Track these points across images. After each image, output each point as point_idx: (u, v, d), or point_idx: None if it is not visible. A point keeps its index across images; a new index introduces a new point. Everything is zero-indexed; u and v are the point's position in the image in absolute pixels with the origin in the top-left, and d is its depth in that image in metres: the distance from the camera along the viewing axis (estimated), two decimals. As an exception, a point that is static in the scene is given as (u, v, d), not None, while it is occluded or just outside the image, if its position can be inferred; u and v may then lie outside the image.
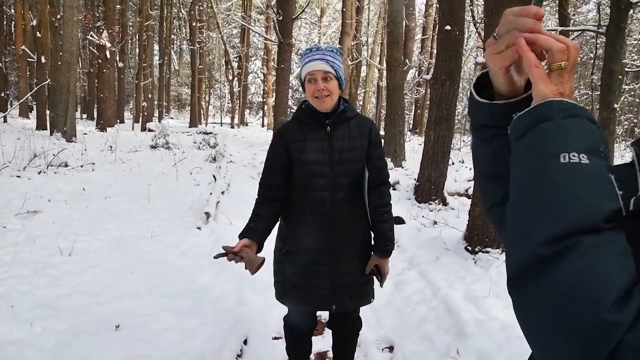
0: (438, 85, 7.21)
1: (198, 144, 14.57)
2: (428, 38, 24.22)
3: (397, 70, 11.18)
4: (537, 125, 0.65)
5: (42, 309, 3.29)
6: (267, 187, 2.18)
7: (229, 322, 3.31)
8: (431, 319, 3.58)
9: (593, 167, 0.61)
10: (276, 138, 2.20)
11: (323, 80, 2.05)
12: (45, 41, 17.74)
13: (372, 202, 2.19)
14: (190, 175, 9.32)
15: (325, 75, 2.05)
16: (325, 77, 2.05)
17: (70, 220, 5.64)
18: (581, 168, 0.60)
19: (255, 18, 35.71)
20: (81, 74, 29.98)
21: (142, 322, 3.24)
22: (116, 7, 22.43)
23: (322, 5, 26.80)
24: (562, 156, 0.61)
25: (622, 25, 5.90)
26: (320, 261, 2.15)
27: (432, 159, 7.35)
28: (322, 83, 2.04)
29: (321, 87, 2.04)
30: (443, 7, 7.39)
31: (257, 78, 40.57)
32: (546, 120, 0.64)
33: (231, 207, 6.54)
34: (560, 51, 0.66)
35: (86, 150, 10.90)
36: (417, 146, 14.68)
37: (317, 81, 2.05)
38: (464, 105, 24.45)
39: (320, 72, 2.04)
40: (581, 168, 0.60)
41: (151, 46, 27.77)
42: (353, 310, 2.37)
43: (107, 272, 4.11)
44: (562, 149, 0.62)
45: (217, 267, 4.40)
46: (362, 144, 2.15)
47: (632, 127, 25.17)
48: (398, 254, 4.89)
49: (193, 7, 25.99)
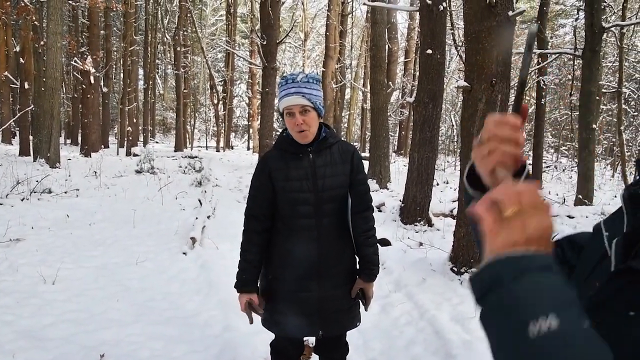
0: (421, 107, 7.33)
1: (183, 168, 14.54)
2: (411, 61, 24.62)
3: (381, 93, 11.34)
4: (490, 291, 0.60)
5: (26, 339, 3.24)
6: (254, 218, 2.20)
7: (217, 348, 3.29)
8: (419, 341, 3.59)
9: (564, 328, 0.54)
10: (259, 167, 2.20)
11: (301, 114, 2.04)
12: (29, 67, 17.71)
13: (357, 227, 2.22)
14: (175, 199, 9.28)
15: (302, 109, 2.04)
16: (303, 111, 2.05)
17: (54, 248, 5.57)
18: (553, 336, 0.53)
19: (239, 42, 36.08)
20: (65, 99, 29.86)
21: (128, 350, 3.21)
22: (100, 33, 22.51)
23: (306, 30, 27.15)
24: (530, 328, 0.54)
25: (597, 49, 6.10)
26: (306, 287, 2.16)
27: (417, 180, 7.43)
28: (300, 117, 2.03)
29: (299, 121, 2.03)
30: (424, 31, 7.56)
31: (242, 101, 40.75)
32: (498, 286, 0.59)
33: (217, 231, 6.52)
34: (506, 201, 0.62)
35: (70, 176, 10.80)
36: (402, 167, 14.80)
37: (294, 115, 2.04)
38: (447, 126, 24.78)
39: (297, 106, 2.03)
40: (553, 336, 0.53)
41: (135, 71, 27.81)
42: (340, 335, 2.38)
43: (92, 300, 4.06)
44: (528, 316, 0.55)
45: (204, 293, 4.38)
46: (344, 170, 2.18)
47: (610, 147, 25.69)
48: (384, 276, 4.91)
49: (177, 32, 26.18)
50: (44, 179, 9.01)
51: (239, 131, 47.07)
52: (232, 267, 2.23)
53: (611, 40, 18.48)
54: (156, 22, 29.68)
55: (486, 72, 4.54)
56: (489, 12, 4.50)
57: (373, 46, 11.51)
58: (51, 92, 12.63)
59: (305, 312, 2.18)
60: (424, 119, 7.32)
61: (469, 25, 4.78)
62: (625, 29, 13.40)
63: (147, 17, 28.74)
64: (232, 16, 29.68)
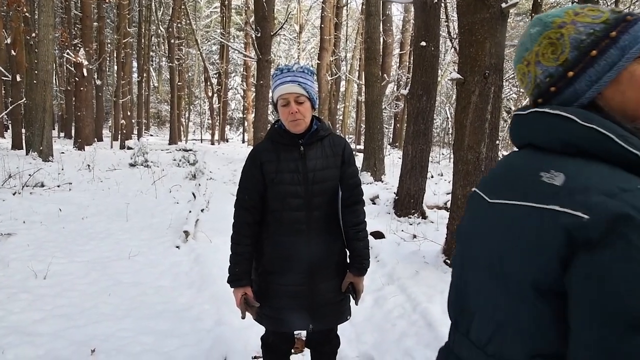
0: (415, 100, 7.31)
1: (178, 161, 14.49)
2: (406, 53, 24.55)
3: (375, 86, 11.31)
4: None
5: (16, 335, 3.22)
6: (245, 210, 2.17)
7: (208, 342, 3.27)
8: (411, 334, 3.59)
9: None
10: (250, 159, 2.18)
11: (296, 103, 2.03)
12: (20, 60, 17.53)
13: (347, 221, 2.20)
14: (169, 193, 9.24)
15: (297, 98, 2.03)
16: (298, 100, 2.03)
17: (45, 242, 5.54)
18: None
19: (234, 34, 35.91)
20: (58, 92, 29.68)
21: (119, 345, 3.19)
22: (93, 25, 22.31)
23: (301, 22, 27.04)
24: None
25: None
26: (296, 281, 2.15)
27: (411, 172, 7.42)
28: (295, 106, 2.02)
29: (294, 110, 2.02)
30: (418, 23, 7.53)
31: (237, 94, 40.63)
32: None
33: (211, 224, 6.50)
34: None
35: (63, 170, 10.74)
36: (397, 160, 14.80)
37: (289, 104, 2.03)
38: (442, 118, 24.79)
39: (293, 95, 2.02)
40: None
41: (129, 63, 27.68)
42: (331, 329, 2.37)
43: (84, 295, 4.04)
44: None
45: (196, 287, 4.36)
46: (335, 163, 2.16)
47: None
48: (378, 269, 4.91)
49: (171, 24, 26.00)
50: (36, 172, 8.95)
51: (234, 124, 46.95)
52: (225, 261, 2.20)
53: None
54: (150, 13, 29.51)
55: (479, 64, 4.51)
56: (482, 4, 4.46)
57: (367, 38, 11.46)
58: (43, 85, 12.51)
59: (295, 306, 2.16)
60: (418, 112, 7.30)
61: (462, 17, 4.75)
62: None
63: (140, 9, 28.57)
64: (226, 8, 29.50)
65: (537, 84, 0.98)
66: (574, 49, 0.92)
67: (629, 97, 0.90)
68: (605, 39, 0.90)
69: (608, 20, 0.91)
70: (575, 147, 0.88)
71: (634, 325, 0.70)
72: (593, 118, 0.87)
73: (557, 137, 0.91)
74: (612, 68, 0.89)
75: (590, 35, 0.91)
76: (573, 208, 0.79)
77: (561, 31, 0.93)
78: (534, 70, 0.98)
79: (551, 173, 0.88)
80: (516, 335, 0.89)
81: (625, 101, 0.90)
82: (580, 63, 0.91)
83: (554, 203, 0.83)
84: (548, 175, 0.88)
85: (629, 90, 0.90)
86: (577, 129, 0.88)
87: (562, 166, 0.88)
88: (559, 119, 0.91)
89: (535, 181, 0.90)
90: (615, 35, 0.89)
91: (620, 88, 0.90)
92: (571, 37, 0.92)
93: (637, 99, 0.90)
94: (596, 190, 0.79)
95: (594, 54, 0.90)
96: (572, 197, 0.81)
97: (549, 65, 0.95)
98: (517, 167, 0.98)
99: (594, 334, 0.74)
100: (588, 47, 0.90)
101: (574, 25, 0.92)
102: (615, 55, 0.89)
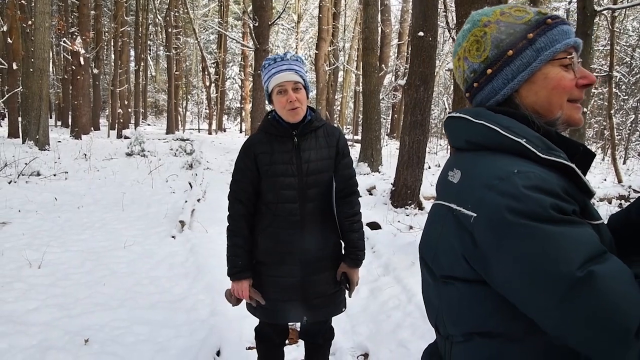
0: (412, 90, 7.27)
1: (175, 151, 14.44)
2: (404, 43, 24.41)
3: (373, 76, 11.25)
4: None
5: (9, 324, 3.21)
6: (239, 202, 2.15)
7: (203, 333, 3.27)
8: (406, 325, 3.59)
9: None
10: (244, 150, 2.16)
11: (294, 91, 2.02)
12: (17, 48, 17.37)
13: (342, 212, 2.19)
14: (166, 183, 9.22)
15: (295, 86, 2.03)
16: (296, 88, 2.03)
17: (40, 231, 5.52)
18: None
19: (232, 24, 35.68)
20: (55, 81, 29.52)
21: (113, 335, 3.18)
22: (90, 13, 22.11)
23: (299, 11, 26.83)
24: None
25: (589, 32, 6.06)
26: (291, 273, 2.13)
27: (408, 163, 7.40)
28: (293, 94, 2.02)
29: (293, 97, 2.01)
30: (416, 13, 7.47)
31: (235, 84, 40.43)
32: None
33: (207, 214, 6.49)
34: None
35: (59, 159, 10.71)
36: (394, 150, 14.76)
37: (287, 92, 2.02)
38: (439, 109, 24.74)
39: (291, 82, 2.02)
40: None
41: (127, 52, 27.49)
42: (325, 321, 2.36)
43: (78, 284, 4.03)
44: None
45: (191, 277, 4.36)
46: (330, 154, 2.14)
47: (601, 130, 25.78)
48: (373, 260, 4.91)
49: (169, 13, 25.81)
50: (32, 161, 8.92)
51: (232, 113, 46.79)
52: (221, 251, 2.19)
53: (603, 23, 18.43)
54: (147, 2, 29.24)
55: (477, 54, 4.49)
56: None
57: (365, 28, 11.39)
58: (39, 73, 12.43)
59: (289, 298, 2.15)
60: (415, 102, 7.26)
61: (460, 7, 4.72)
62: (616, 12, 13.36)
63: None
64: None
65: (464, 78, 1.03)
66: (494, 47, 0.96)
67: (541, 97, 0.94)
68: (523, 40, 0.94)
69: (529, 22, 0.95)
70: (475, 143, 0.95)
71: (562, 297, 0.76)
72: (482, 114, 0.94)
73: (461, 137, 0.98)
74: (526, 68, 0.93)
75: (510, 36, 0.95)
76: (465, 206, 0.87)
77: (485, 29, 0.97)
78: (462, 65, 1.03)
79: (454, 171, 0.96)
80: (449, 317, 0.97)
81: (538, 101, 0.95)
82: (499, 61, 0.95)
83: (453, 201, 0.92)
84: (451, 174, 0.97)
85: (541, 90, 0.94)
86: (472, 127, 0.94)
87: (461, 164, 0.96)
88: (457, 120, 0.98)
89: (446, 181, 0.99)
90: (532, 36, 0.93)
91: (534, 88, 0.94)
92: (493, 36, 0.96)
93: (548, 100, 0.94)
94: (479, 185, 0.85)
95: (511, 54, 0.94)
96: (463, 195, 0.89)
97: (474, 61, 0.99)
98: (444, 169, 1.06)
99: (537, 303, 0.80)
100: (506, 46, 0.95)
101: (497, 24, 0.96)
102: (530, 56, 0.93)
